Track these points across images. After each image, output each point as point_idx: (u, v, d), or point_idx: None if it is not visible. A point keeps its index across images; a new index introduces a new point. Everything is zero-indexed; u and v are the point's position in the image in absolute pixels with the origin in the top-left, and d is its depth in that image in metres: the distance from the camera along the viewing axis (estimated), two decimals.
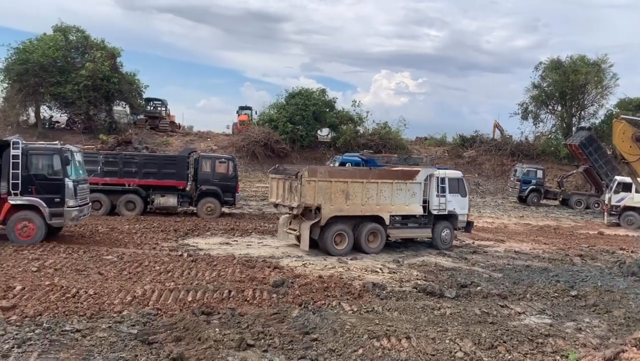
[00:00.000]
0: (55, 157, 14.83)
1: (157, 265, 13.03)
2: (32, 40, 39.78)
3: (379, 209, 16.63)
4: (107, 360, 7.43)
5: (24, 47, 38.90)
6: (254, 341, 8.38)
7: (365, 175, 17.06)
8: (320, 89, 49.67)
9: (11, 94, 39.58)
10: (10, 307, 9.16)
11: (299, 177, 15.56)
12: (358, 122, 49.28)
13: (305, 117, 45.61)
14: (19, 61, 38.42)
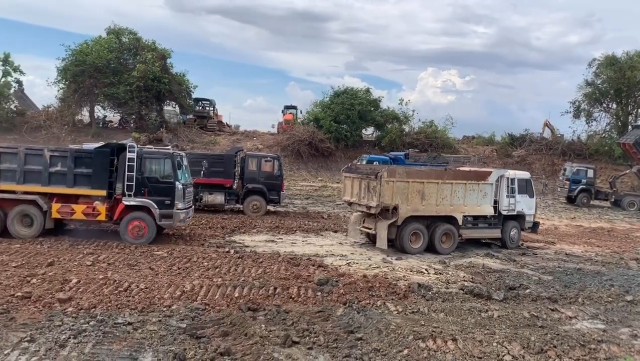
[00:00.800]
0: (167, 161, 15.33)
1: (205, 261, 13.32)
2: (88, 42, 41.24)
3: (452, 210, 16.90)
4: (157, 353, 7.65)
5: (80, 49, 40.39)
6: (299, 339, 8.46)
7: (441, 176, 17.26)
8: (365, 88, 49.51)
9: (67, 94, 41.18)
10: (66, 299, 9.56)
11: (378, 178, 15.81)
12: (404, 121, 48.81)
13: (350, 116, 45.51)
14: (75, 62, 39.92)
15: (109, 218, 15.26)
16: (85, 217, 15.18)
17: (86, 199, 15.10)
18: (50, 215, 14.95)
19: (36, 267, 11.76)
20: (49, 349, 7.54)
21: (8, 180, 14.80)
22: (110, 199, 15.25)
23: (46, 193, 14.97)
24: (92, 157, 15.08)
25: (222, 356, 7.50)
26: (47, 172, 14.85)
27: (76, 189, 15.00)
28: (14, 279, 10.56)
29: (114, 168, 15.33)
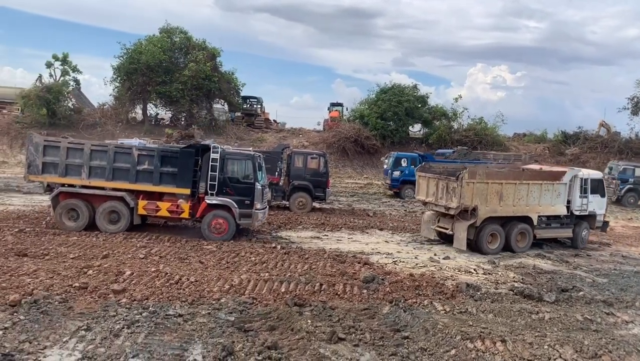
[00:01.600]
0: (248, 162, 15.78)
1: (253, 256, 13.53)
2: (142, 41, 42.50)
3: (528, 210, 16.94)
4: (206, 345, 7.83)
5: (134, 48, 41.68)
6: (345, 335, 8.49)
7: (518, 177, 17.27)
8: (412, 84, 48.97)
9: (122, 92, 42.59)
10: (120, 290, 9.92)
11: (459, 179, 15.87)
12: (452, 117, 48.00)
13: (397, 113, 45.11)
14: (129, 61, 41.23)
15: (191, 215, 15.75)
16: (169, 214, 15.73)
17: (171, 197, 15.65)
18: (136, 212, 15.54)
19: (92, 259, 12.24)
20: (104, 338, 7.85)
21: (98, 177, 15.43)
22: (194, 198, 15.74)
23: (133, 190, 15.55)
24: (178, 156, 15.56)
25: (269, 350, 7.60)
26: (134, 170, 15.41)
27: (162, 187, 15.53)
28: (72, 270, 11.03)
29: (197, 168, 15.79)
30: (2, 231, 14.63)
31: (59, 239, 14.16)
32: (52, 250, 12.83)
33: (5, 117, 43.26)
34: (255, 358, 7.33)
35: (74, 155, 15.54)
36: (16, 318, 8.35)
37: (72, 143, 16.05)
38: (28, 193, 23.43)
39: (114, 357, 7.19)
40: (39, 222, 16.42)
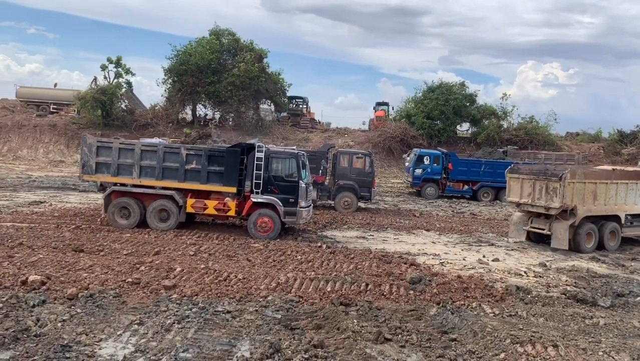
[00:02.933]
0: (292, 160, 16.03)
1: (299, 255, 13.63)
2: (192, 43, 43.53)
3: (616, 209, 17.43)
4: (253, 341, 7.95)
5: (184, 49, 42.72)
6: (392, 336, 8.44)
7: (609, 176, 17.48)
8: (460, 83, 48.15)
9: (172, 93, 43.73)
10: (171, 286, 10.18)
11: (562, 179, 15.98)
12: (502, 116, 46.88)
13: (444, 112, 44.46)
14: (179, 62, 42.29)
15: (237, 213, 16.07)
16: (216, 212, 16.10)
17: (218, 195, 16.01)
18: (184, 210, 15.96)
19: (144, 255, 12.63)
20: (155, 332, 8.07)
21: (148, 176, 15.94)
22: (240, 196, 16.06)
23: (182, 189, 15.98)
24: (224, 156, 15.89)
25: (315, 349, 7.64)
26: (183, 169, 15.82)
27: (209, 186, 15.89)
28: (125, 266, 11.40)
29: (243, 167, 16.11)
30: (60, 228, 15.28)
31: (112, 236, 14.67)
32: (107, 246, 13.31)
33: (62, 119, 45.18)
34: (302, 356, 7.38)
35: (126, 155, 16.07)
36: (73, 310, 8.70)
37: (124, 144, 16.62)
38: (84, 191, 24.42)
39: (165, 351, 7.39)
40: (94, 219, 17.07)
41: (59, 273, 10.55)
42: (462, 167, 30.60)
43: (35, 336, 7.58)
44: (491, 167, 30.75)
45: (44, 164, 38.22)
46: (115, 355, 7.20)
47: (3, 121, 44.10)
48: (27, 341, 7.44)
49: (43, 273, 10.34)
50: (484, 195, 30.78)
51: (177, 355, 7.29)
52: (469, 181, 30.78)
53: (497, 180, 30.29)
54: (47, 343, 7.40)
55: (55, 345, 7.31)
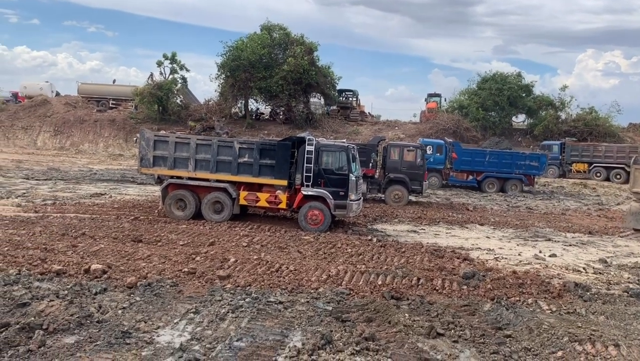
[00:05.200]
0: (342, 154, 16.07)
1: (349, 248, 13.65)
2: (244, 39, 44.16)
3: None
4: (305, 332, 8.03)
5: (236, 45, 43.41)
6: (444, 331, 8.33)
7: None
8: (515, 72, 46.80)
9: (225, 88, 44.57)
10: (225, 276, 10.41)
11: None
12: (560, 107, 45.24)
13: (499, 102, 43.38)
14: (231, 58, 43.01)
15: (288, 206, 16.28)
16: (268, 205, 16.38)
17: (269, 188, 16.25)
18: (237, 202, 16.33)
19: (199, 246, 12.97)
20: (210, 321, 8.29)
21: (203, 169, 16.36)
22: (291, 189, 16.28)
23: (235, 182, 16.32)
24: (275, 149, 16.09)
25: (366, 341, 7.64)
26: (236, 163, 16.13)
27: (261, 179, 16.14)
28: (181, 256, 11.75)
29: (294, 160, 16.31)
30: (120, 219, 15.90)
31: (169, 227, 15.13)
32: (164, 237, 13.74)
33: (121, 114, 46.93)
34: (353, 348, 7.40)
35: (181, 149, 16.50)
36: (133, 299, 9.04)
37: (179, 138, 17.09)
38: (141, 184, 25.29)
39: (220, 340, 7.58)
40: (152, 211, 17.65)
41: (119, 262, 10.99)
42: (466, 157, 29.95)
43: (98, 323, 7.93)
44: (496, 158, 30.09)
45: (104, 157, 39.81)
46: (173, 342, 7.44)
47: (66, 116, 46.24)
48: (90, 326, 7.79)
49: (104, 262, 10.80)
50: (489, 186, 30.12)
51: (231, 343, 7.46)
52: (473, 171, 30.21)
53: (502, 171, 29.81)
54: (109, 329, 7.73)
55: (116, 331, 7.62)
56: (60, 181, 24.96)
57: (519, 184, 29.89)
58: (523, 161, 29.95)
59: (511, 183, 29.88)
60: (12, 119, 46.53)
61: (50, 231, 13.48)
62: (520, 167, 29.81)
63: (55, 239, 12.73)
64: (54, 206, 17.84)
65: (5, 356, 6.72)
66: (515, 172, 29.80)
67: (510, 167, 29.76)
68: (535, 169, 30.17)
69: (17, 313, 8.07)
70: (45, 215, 15.85)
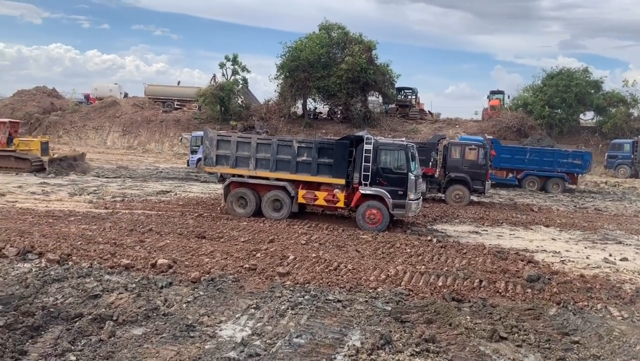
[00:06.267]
0: (401, 152, 15.96)
1: (408, 248, 13.51)
2: (302, 39, 44.51)
3: None
4: (364, 332, 8.02)
5: (295, 45, 43.81)
6: (507, 335, 8.11)
7: None
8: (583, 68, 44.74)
9: (284, 88, 45.09)
10: (285, 273, 10.56)
11: None
12: (632, 103, 42.89)
13: (566, 99, 41.62)
14: (290, 58, 43.44)
15: (346, 205, 16.34)
16: (326, 203, 16.49)
17: (327, 186, 16.38)
18: (296, 200, 16.53)
19: (260, 243, 13.21)
20: (271, 317, 8.43)
21: (263, 168, 16.69)
22: (348, 188, 16.34)
23: (293, 180, 16.54)
24: (333, 148, 16.20)
25: (426, 343, 7.55)
26: (295, 161, 16.36)
27: (319, 177, 16.30)
28: (243, 253, 12.00)
29: (352, 159, 16.34)
30: (185, 216, 16.43)
31: (231, 224, 15.50)
32: (226, 234, 14.09)
33: (185, 114, 48.44)
34: (413, 350, 7.33)
35: (243, 148, 16.86)
36: (197, 293, 9.33)
37: (241, 137, 17.47)
38: (205, 182, 26.06)
39: (280, 336, 7.69)
40: (215, 208, 18.14)
41: (183, 257, 11.36)
42: (505, 155, 28.83)
43: (164, 315, 8.24)
44: (538, 156, 28.93)
45: (169, 156, 41.24)
46: (234, 337, 7.62)
47: (134, 117, 48.22)
48: (156, 319, 8.11)
49: (170, 257, 11.20)
50: (530, 184, 29.03)
51: (291, 340, 7.56)
52: (513, 169, 29.12)
53: (543, 169, 28.69)
54: (174, 322, 8.01)
55: (180, 324, 7.89)
56: (129, 178, 26.07)
57: (561, 183, 28.85)
58: (565, 158, 28.92)
59: (553, 182, 28.92)
60: (84, 119, 49.00)
61: (120, 227, 14.12)
62: (563, 165, 28.80)
63: (124, 234, 13.33)
64: (123, 202, 18.67)
65: (79, 344, 7.11)
66: (557, 170, 28.80)
67: (552, 165, 28.82)
68: (578, 167, 29.04)
69: (89, 304, 8.51)
70: (114, 211, 16.61)
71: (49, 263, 10.42)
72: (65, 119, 48.97)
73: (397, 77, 46.58)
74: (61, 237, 12.39)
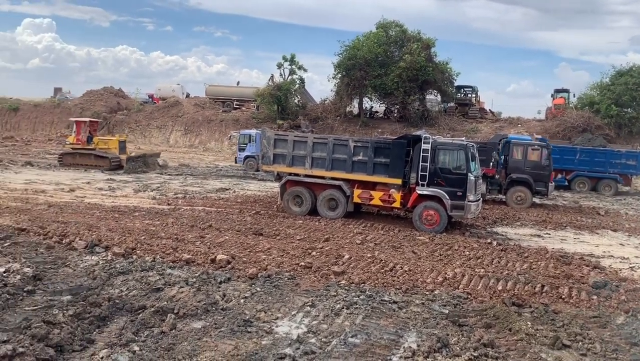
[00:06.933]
0: (461, 152, 15.61)
1: (467, 250, 13.22)
2: (359, 38, 44.38)
3: None
4: (420, 334, 7.92)
5: (352, 44, 43.74)
6: (571, 343, 7.80)
7: None
8: None
9: (341, 87, 45.11)
10: (340, 272, 10.57)
11: None
12: None
13: (636, 98, 39.47)
14: (347, 57, 43.40)
15: (402, 205, 16.20)
16: (381, 203, 16.41)
17: (383, 186, 16.30)
18: (351, 200, 16.56)
19: (315, 241, 13.29)
20: (326, 315, 8.46)
21: (319, 167, 16.82)
22: (405, 188, 16.19)
23: (349, 180, 16.57)
24: (390, 147, 16.08)
25: (485, 348, 7.36)
26: (350, 161, 16.38)
27: (375, 177, 16.23)
28: (298, 251, 12.12)
29: (409, 158, 16.18)
30: (243, 213, 16.76)
31: (287, 222, 15.68)
32: (282, 231, 14.26)
33: (244, 114, 49.38)
34: (471, 354, 7.16)
35: (299, 147, 17.02)
36: (254, 289, 9.50)
37: (298, 136, 17.63)
38: (262, 180, 26.49)
39: (335, 335, 7.71)
40: (271, 206, 18.40)
41: (241, 253, 11.59)
42: (554, 155, 27.16)
43: (222, 310, 8.44)
44: (588, 156, 27.66)
45: (228, 155, 42.15)
46: (290, 334, 7.71)
47: (195, 116, 49.62)
48: (215, 313, 8.32)
49: (228, 253, 11.46)
50: (579, 185, 27.80)
51: (346, 339, 7.56)
52: (562, 169, 27.71)
53: (594, 170, 27.47)
54: (232, 316, 8.19)
55: (238, 319, 8.06)
56: (190, 176, 26.87)
57: (614, 185, 27.58)
58: (618, 159, 27.67)
59: (604, 183, 27.71)
60: (148, 118, 50.88)
61: (181, 223, 14.57)
62: (615, 166, 27.52)
63: (185, 230, 13.74)
64: (184, 199, 19.27)
65: (142, 335, 7.39)
66: (609, 171, 27.52)
67: (604, 166, 27.66)
68: (632, 168, 27.68)
69: (152, 297, 8.84)
70: (176, 208, 17.17)
71: (114, 256, 10.90)
72: (131, 118, 51.03)
73: (456, 75, 45.65)
74: (126, 231, 12.93)
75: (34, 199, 17.30)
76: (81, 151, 27.74)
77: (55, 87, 65.96)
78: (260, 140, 31.53)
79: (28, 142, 42.88)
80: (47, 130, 50.87)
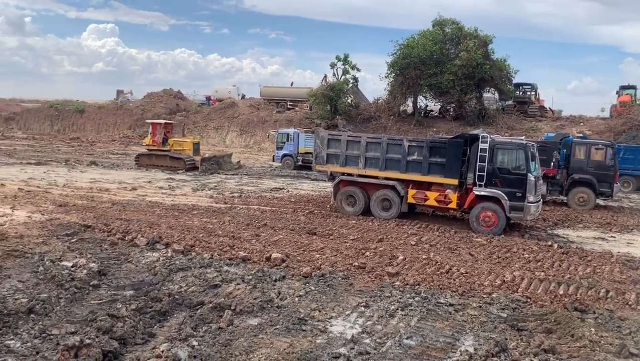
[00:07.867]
0: (520, 152, 15.20)
1: (526, 253, 12.84)
2: (414, 37, 43.85)
3: None
4: (477, 338, 7.75)
5: (407, 43, 43.25)
6: (638, 351, 7.43)
7: None
8: None
9: (394, 87, 44.71)
10: (394, 274, 10.50)
11: None
12: None
13: None
14: (402, 56, 42.95)
15: (458, 206, 15.92)
16: (437, 204, 16.18)
17: (439, 187, 16.08)
18: (406, 200, 16.42)
19: (369, 242, 13.24)
20: (380, 316, 8.42)
21: (372, 167, 16.78)
22: (461, 188, 15.92)
23: (403, 180, 16.44)
24: (446, 147, 15.84)
25: (546, 353, 7.13)
26: (404, 161, 16.23)
27: (430, 177, 16.04)
28: (352, 251, 12.12)
29: (466, 158, 15.90)
30: (296, 212, 16.92)
31: (340, 221, 15.70)
32: (336, 231, 14.30)
33: (297, 114, 49.78)
34: (531, 360, 6.95)
35: (352, 147, 17.01)
36: (308, 287, 9.58)
37: (351, 136, 17.62)
38: (315, 180, 26.63)
39: (390, 336, 7.66)
40: (324, 205, 18.48)
41: (295, 252, 11.71)
42: None
43: (277, 308, 8.56)
44: (632, 154, 25.95)
45: None
46: (344, 333, 7.72)
47: (250, 117, 50.45)
48: (270, 311, 8.44)
49: (283, 251, 11.60)
50: (624, 185, 25.81)
51: (401, 340, 7.50)
52: None
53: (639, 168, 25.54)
54: (287, 314, 8.29)
55: (293, 317, 8.15)
56: (245, 176, 27.35)
57: None
58: None
59: None
60: (206, 120, 52.16)
61: (237, 221, 14.87)
62: None
63: (241, 228, 14.01)
64: (240, 198, 19.64)
65: (200, 331, 7.59)
66: None
67: None
68: None
69: (209, 293, 9.07)
70: (233, 206, 17.53)
71: (174, 253, 11.26)
72: (189, 119, 52.44)
73: (514, 72, 44.27)
74: (185, 229, 13.32)
75: (99, 198, 18.10)
76: (157, 153, 28.46)
77: (118, 90, 68.67)
78: (295, 139, 31.56)
79: (93, 142, 44.93)
80: (111, 131, 53.02)
